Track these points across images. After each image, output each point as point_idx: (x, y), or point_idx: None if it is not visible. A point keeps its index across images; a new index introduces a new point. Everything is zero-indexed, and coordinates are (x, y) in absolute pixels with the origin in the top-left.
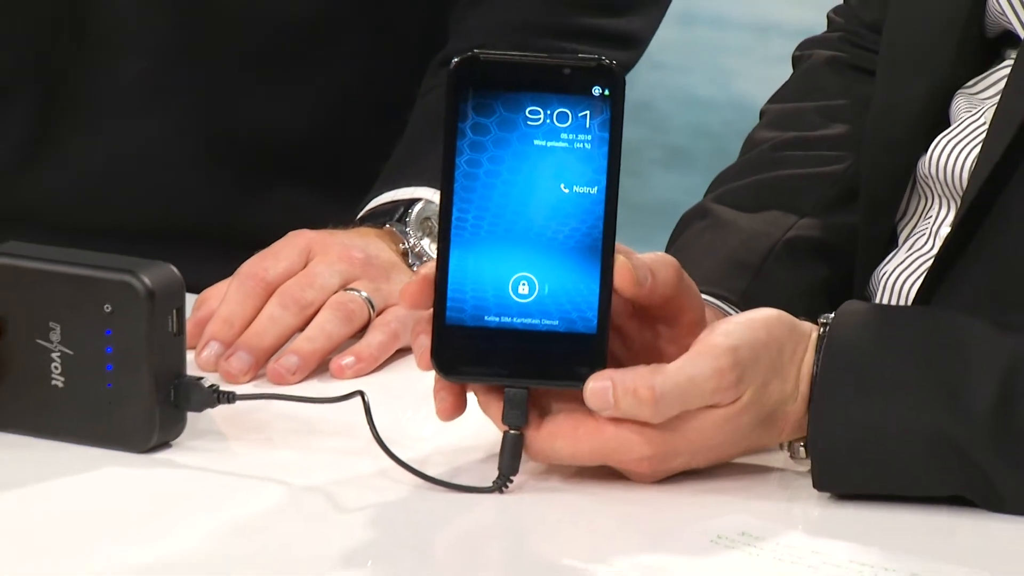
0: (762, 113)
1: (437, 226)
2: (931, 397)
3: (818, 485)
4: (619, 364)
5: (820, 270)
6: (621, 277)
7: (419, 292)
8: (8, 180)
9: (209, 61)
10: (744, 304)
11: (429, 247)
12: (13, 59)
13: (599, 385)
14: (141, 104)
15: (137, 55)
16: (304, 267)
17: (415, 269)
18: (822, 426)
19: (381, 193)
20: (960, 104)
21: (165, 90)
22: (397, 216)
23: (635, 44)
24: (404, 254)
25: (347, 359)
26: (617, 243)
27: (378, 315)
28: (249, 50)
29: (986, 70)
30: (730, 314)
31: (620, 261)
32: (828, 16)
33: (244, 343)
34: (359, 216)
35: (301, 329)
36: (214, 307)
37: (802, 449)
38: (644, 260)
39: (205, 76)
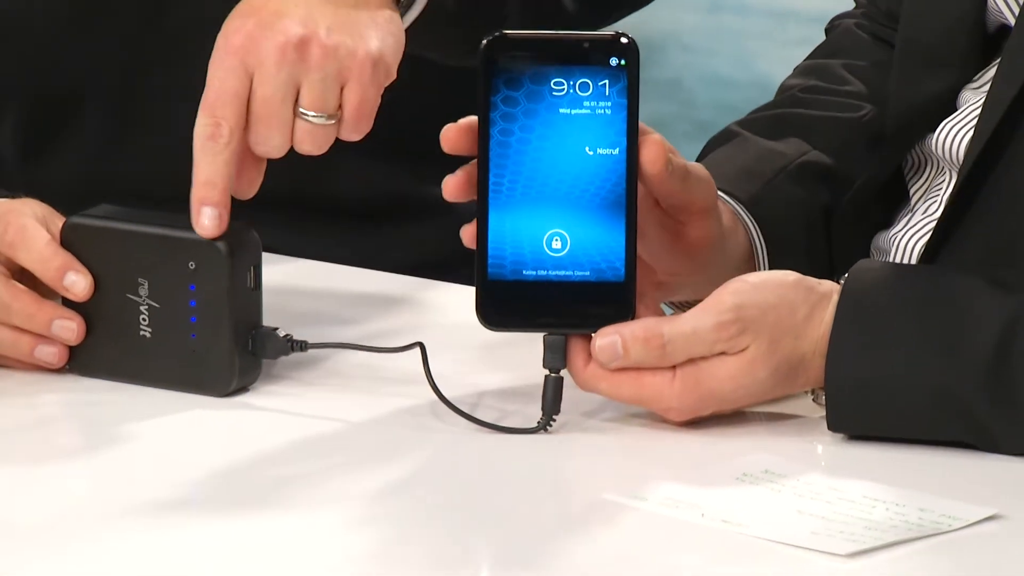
0: (795, 69)
1: None
2: (932, 350)
3: (831, 426)
4: (644, 262)
5: (824, 195)
6: (655, 150)
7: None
8: (95, 160)
9: None
10: (752, 205)
11: None
12: (99, 54)
13: (606, 340)
14: None
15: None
16: (249, 88)
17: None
18: (834, 373)
19: None
20: (966, 96)
21: None
22: None
23: None
24: None
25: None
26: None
27: (343, 89)
28: None
29: (988, 63)
30: (738, 211)
31: (652, 138)
32: None
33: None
34: None
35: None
36: None
37: (823, 395)
38: (683, 163)
39: None
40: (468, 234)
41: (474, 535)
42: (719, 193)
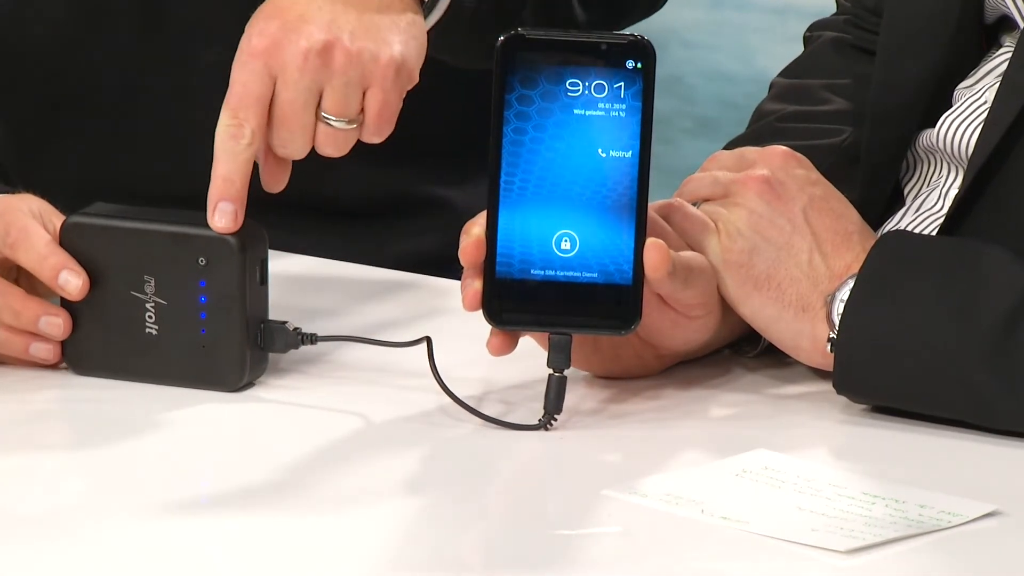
0: (771, 85)
1: None
2: (945, 313)
3: (838, 386)
4: (643, 340)
5: None
6: (658, 255)
7: (477, 251)
8: (93, 160)
9: None
10: None
11: None
12: (99, 58)
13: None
14: (217, 88)
15: (213, 45)
16: (272, 91)
17: None
18: (847, 330)
19: None
20: (962, 93)
21: None
22: None
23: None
24: None
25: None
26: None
27: (365, 93)
28: None
29: (983, 55)
30: None
31: (655, 242)
32: (837, 0)
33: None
34: None
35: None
36: None
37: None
38: (686, 263)
39: None
40: (466, 247)
41: (475, 529)
42: None
